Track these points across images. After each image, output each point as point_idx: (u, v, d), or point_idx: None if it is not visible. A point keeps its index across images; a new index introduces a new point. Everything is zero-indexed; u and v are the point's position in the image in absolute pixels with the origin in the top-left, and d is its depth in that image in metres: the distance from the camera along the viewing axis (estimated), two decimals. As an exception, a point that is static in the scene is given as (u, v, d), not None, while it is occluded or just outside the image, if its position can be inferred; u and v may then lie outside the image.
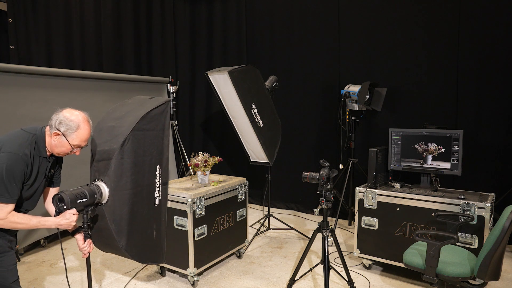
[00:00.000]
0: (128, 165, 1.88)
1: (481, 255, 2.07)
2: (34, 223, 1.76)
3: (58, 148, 1.83)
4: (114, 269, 3.37)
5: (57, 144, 1.82)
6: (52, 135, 1.80)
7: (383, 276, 3.17)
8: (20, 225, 1.73)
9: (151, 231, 2.05)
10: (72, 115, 1.82)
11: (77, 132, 1.81)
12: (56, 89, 4.02)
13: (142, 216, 1.98)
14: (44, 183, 1.92)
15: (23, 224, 1.73)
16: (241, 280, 3.13)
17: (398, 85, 4.29)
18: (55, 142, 1.81)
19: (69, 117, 1.80)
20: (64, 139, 1.80)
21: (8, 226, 1.72)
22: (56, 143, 1.81)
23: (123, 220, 1.88)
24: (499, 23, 3.71)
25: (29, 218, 1.76)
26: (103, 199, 1.87)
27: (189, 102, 6.09)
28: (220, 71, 3.66)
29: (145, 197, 2.00)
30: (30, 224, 1.75)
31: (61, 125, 1.78)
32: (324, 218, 2.54)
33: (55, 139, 1.80)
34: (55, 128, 1.78)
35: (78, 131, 1.81)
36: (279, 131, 4.00)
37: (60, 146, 1.82)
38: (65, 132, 1.79)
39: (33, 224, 1.76)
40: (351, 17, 4.59)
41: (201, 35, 5.89)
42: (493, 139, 3.81)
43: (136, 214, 1.94)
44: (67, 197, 1.75)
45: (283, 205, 5.34)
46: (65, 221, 1.79)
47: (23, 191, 1.78)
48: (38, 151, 1.80)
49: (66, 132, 1.79)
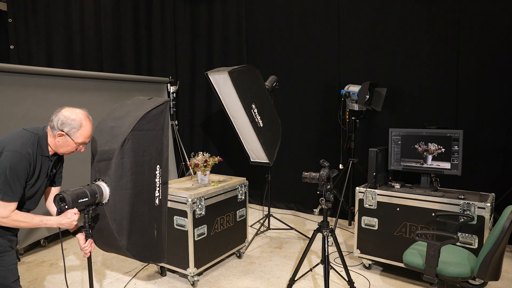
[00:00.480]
0: (128, 165, 1.88)
1: (481, 255, 2.07)
2: (37, 222, 1.77)
3: (64, 148, 1.85)
4: (114, 269, 3.37)
5: (62, 144, 1.84)
6: (56, 136, 1.81)
7: (383, 276, 3.17)
8: (23, 224, 1.74)
9: (152, 230, 2.05)
10: (72, 113, 1.83)
11: (81, 130, 1.83)
12: (56, 89, 4.02)
13: (143, 215, 1.98)
14: (46, 183, 1.93)
15: (25, 222, 1.74)
16: (241, 280, 3.13)
17: (398, 85, 4.29)
18: (60, 143, 1.83)
19: (70, 116, 1.81)
20: (69, 138, 1.82)
21: (11, 225, 1.73)
22: (61, 143, 1.83)
23: (124, 219, 1.89)
24: (499, 23, 3.71)
25: (32, 217, 1.77)
26: (104, 198, 1.88)
27: (189, 102, 6.09)
28: (220, 71, 3.66)
29: (145, 197, 2.00)
30: (33, 222, 1.76)
31: (63, 125, 1.80)
32: (324, 218, 2.54)
33: (59, 139, 1.82)
34: (58, 129, 1.80)
35: (81, 129, 1.83)
36: (279, 131, 4.00)
37: (66, 145, 1.85)
38: (69, 132, 1.81)
39: (35, 223, 1.77)
40: (351, 17, 4.59)
41: (201, 35, 5.89)
42: (493, 139, 3.81)
43: (136, 214, 1.94)
44: (69, 196, 1.77)
45: (283, 205, 5.34)
46: (66, 220, 1.80)
47: (26, 189, 1.79)
48: (41, 150, 1.82)
49: (70, 132, 1.81)
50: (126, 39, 5.70)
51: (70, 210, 1.80)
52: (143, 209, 1.99)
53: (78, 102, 4.25)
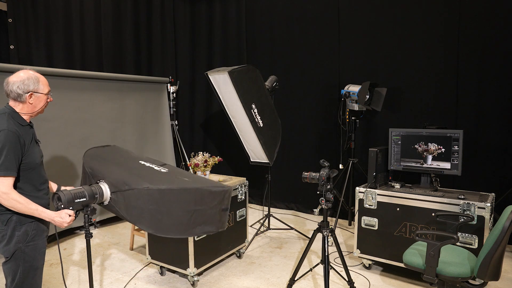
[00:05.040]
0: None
1: (481, 255, 2.07)
2: (33, 208, 1.83)
3: (38, 105, 1.96)
4: (114, 269, 3.37)
5: (36, 103, 1.94)
6: (27, 99, 1.90)
7: (383, 276, 3.17)
8: (20, 205, 1.79)
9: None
10: (18, 76, 1.89)
11: (40, 81, 1.95)
12: (56, 89, 3.99)
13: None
14: (40, 150, 2.04)
15: (22, 204, 1.79)
16: (241, 280, 3.13)
17: (398, 85, 4.29)
18: (33, 102, 1.93)
19: (22, 78, 1.89)
20: (39, 94, 1.93)
21: (9, 204, 1.78)
22: (35, 102, 1.93)
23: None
24: (499, 23, 3.71)
25: (29, 202, 1.83)
26: (105, 200, 1.89)
27: (189, 102, 6.10)
28: (220, 71, 3.66)
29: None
30: (29, 207, 1.81)
31: (26, 86, 1.89)
32: (324, 218, 2.54)
33: (32, 100, 1.91)
34: (25, 92, 1.88)
35: (40, 80, 1.95)
36: (279, 131, 4.00)
37: (39, 102, 1.95)
38: (35, 88, 1.92)
39: (32, 208, 1.82)
40: (351, 17, 4.59)
41: (201, 35, 5.89)
42: (493, 139, 3.81)
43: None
44: (65, 196, 1.80)
45: (283, 205, 5.34)
46: (59, 219, 1.84)
47: (27, 156, 1.86)
48: (20, 121, 1.89)
49: (35, 88, 1.92)
50: (126, 39, 5.69)
51: (65, 211, 1.84)
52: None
53: (78, 102, 4.26)
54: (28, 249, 1.89)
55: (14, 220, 1.85)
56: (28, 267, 1.90)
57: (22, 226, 1.87)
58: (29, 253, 1.90)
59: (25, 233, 1.88)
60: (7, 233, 1.85)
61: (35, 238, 1.92)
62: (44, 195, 1.99)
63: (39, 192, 1.95)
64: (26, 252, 1.89)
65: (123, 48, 5.70)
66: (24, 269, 1.89)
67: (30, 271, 1.91)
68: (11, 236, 1.85)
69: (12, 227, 1.85)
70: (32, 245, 1.91)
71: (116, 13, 5.59)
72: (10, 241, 1.85)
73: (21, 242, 1.87)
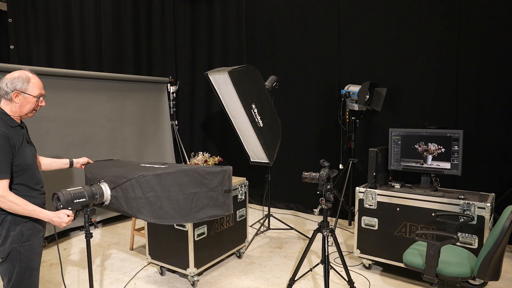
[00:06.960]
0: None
1: (481, 255, 2.07)
2: (30, 209, 1.81)
3: (25, 106, 1.88)
4: (114, 269, 3.37)
5: (22, 103, 1.87)
6: (13, 99, 1.84)
7: (383, 276, 3.17)
8: (17, 207, 1.78)
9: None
10: (13, 74, 1.86)
11: (31, 82, 1.87)
12: (56, 89, 4.02)
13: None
14: (33, 150, 1.99)
15: (20, 206, 1.78)
16: (241, 280, 3.13)
17: (398, 85, 4.29)
18: (19, 102, 1.86)
19: (13, 76, 1.85)
20: (26, 94, 1.86)
21: (7, 207, 1.77)
22: (21, 102, 1.86)
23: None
24: (499, 23, 3.71)
25: (27, 203, 1.81)
26: (106, 200, 1.88)
27: (189, 102, 6.10)
28: (220, 71, 3.66)
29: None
30: (26, 208, 1.80)
31: (13, 84, 1.83)
32: (324, 218, 2.54)
33: (17, 99, 1.85)
34: (11, 91, 1.83)
35: (31, 82, 1.87)
36: (279, 131, 4.00)
37: (26, 103, 1.88)
38: (22, 88, 1.85)
39: (29, 209, 1.80)
40: (351, 17, 4.59)
41: (201, 35, 5.89)
42: (493, 139, 3.81)
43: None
44: (64, 196, 1.79)
45: (283, 205, 5.34)
46: (57, 219, 1.83)
47: (18, 157, 1.82)
48: (8, 122, 1.85)
49: (23, 88, 1.85)
50: (126, 39, 5.69)
51: (63, 211, 1.82)
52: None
53: (78, 102, 4.26)
54: (23, 249, 1.88)
55: (8, 220, 1.83)
56: (24, 268, 1.89)
57: (17, 226, 1.85)
58: (25, 253, 1.88)
59: (20, 233, 1.86)
60: (2, 234, 1.83)
61: (30, 238, 1.90)
62: (39, 194, 1.97)
63: (34, 192, 1.93)
64: (22, 252, 1.87)
65: (123, 48, 5.70)
66: (20, 269, 1.87)
67: (26, 272, 1.90)
68: (6, 236, 1.83)
69: (7, 227, 1.83)
70: (27, 245, 1.89)
71: (116, 13, 5.59)
72: (5, 242, 1.83)
73: (16, 242, 1.85)
